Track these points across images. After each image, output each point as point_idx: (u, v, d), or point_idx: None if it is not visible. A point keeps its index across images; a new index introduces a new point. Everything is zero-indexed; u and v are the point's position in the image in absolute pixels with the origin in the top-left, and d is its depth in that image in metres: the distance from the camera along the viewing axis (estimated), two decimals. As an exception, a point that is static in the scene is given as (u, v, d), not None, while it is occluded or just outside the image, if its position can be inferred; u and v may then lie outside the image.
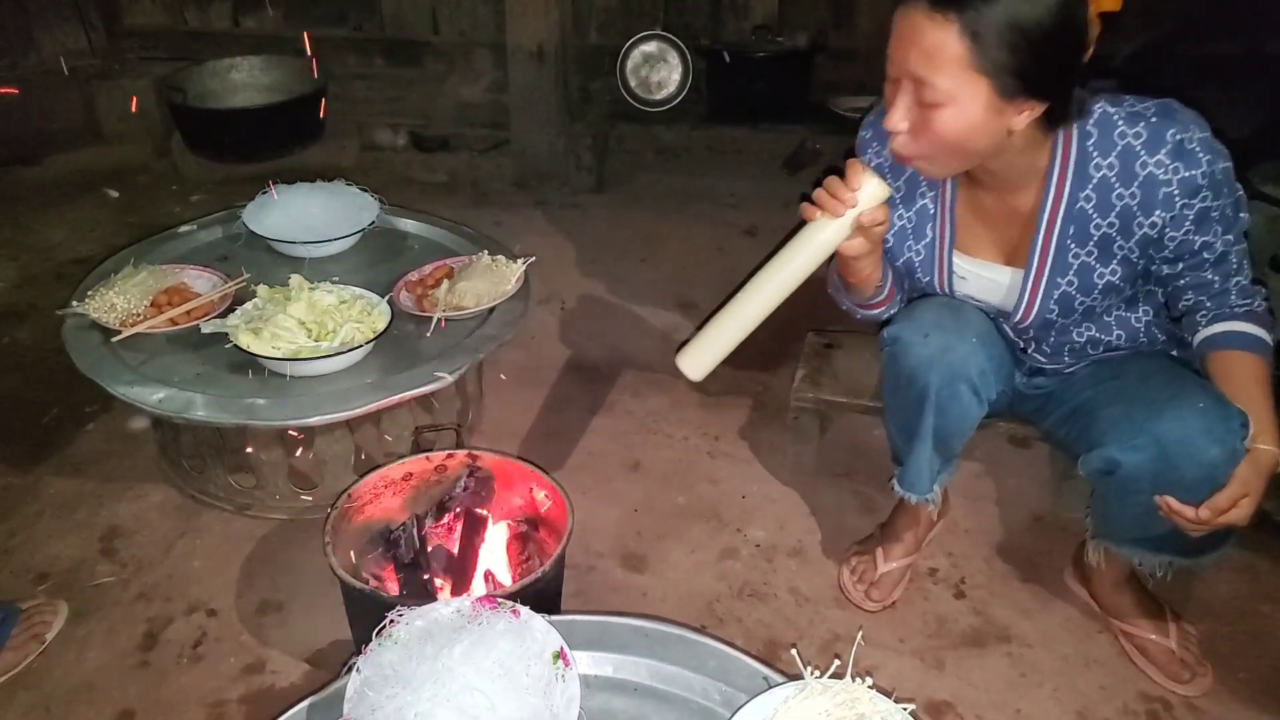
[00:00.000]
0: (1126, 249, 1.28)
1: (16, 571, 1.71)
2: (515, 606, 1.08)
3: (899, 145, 1.21)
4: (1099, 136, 1.23)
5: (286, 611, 1.64)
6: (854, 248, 1.24)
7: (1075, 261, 1.32)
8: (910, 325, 1.43)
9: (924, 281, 1.46)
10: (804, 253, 1.22)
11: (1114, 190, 1.24)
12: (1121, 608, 1.58)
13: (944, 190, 1.39)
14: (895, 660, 1.58)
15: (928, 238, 1.42)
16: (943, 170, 1.27)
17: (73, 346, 1.70)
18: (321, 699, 1.04)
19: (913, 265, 1.45)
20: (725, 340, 1.27)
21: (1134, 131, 1.21)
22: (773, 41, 3.34)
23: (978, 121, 1.15)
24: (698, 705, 1.08)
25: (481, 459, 1.53)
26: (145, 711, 1.46)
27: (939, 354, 1.39)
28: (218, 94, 3.29)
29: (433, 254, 2.04)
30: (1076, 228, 1.29)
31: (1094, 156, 1.24)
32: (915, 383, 1.42)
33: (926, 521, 1.71)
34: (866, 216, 1.19)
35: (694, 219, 3.03)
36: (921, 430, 1.46)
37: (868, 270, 1.36)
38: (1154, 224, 1.23)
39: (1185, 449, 1.22)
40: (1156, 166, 1.20)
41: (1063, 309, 1.36)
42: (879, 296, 1.46)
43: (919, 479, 1.53)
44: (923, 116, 1.16)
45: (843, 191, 1.18)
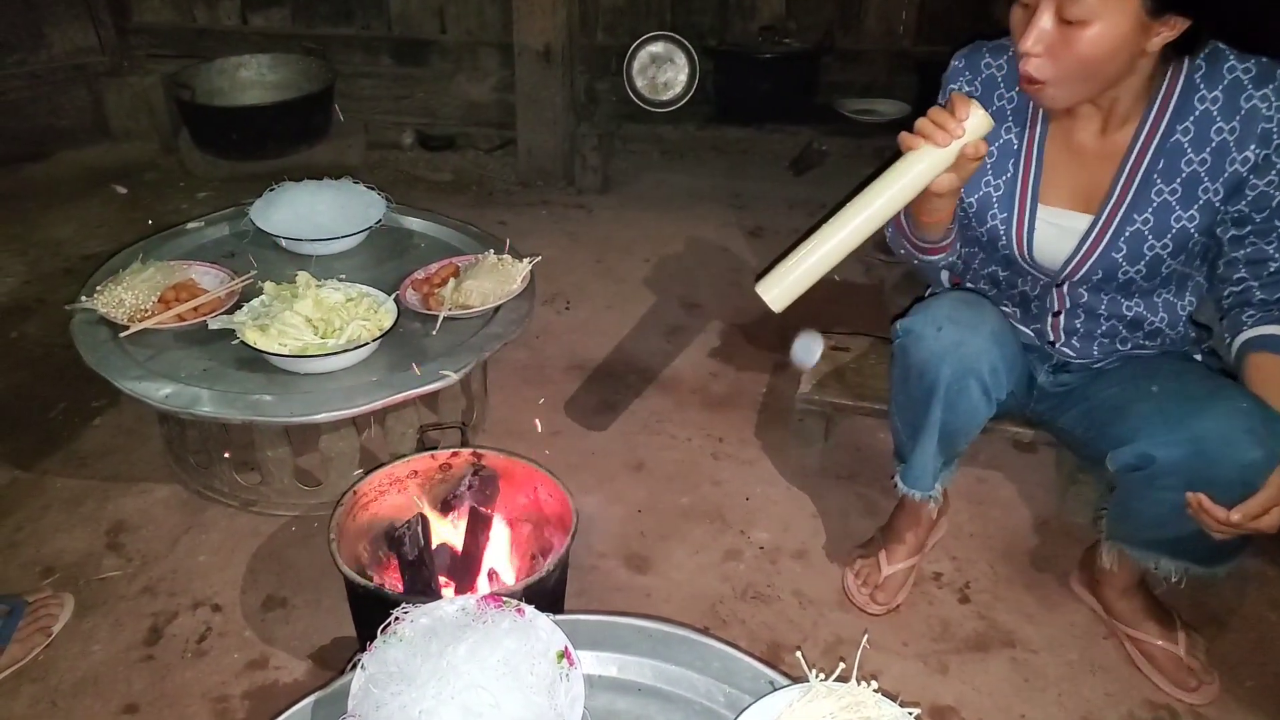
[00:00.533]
0: (1211, 191, 1.26)
1: (23, 565, 1.72)
2: (520, 605, 1.08)
3: (1033, 68, 1.18)
4: (1207, 69, 1.23)
5: (291, 608, 1.65)
6: (947, 182, 1.20)
7: (1157, 199, 1.29)
8: (924, 317, 1.41)
9: (998, 219, 1.41)
10: (902, 180, 1.16)
11: (1214, 124, 1.23)
12: (1129, 613, 1.58)
13: (1033, 127, 1.36)
14: (899, 664, 1.58)
15: (1009, 174, 1.39)
16: (1070, 97, 1.23)
17: (81, 342, 1.71)
18: (326, 695, 1.04)
19: (989, 202, 1.40)
20: (810, 269, 1.16)
21: (1244, 66, 1.21)
22: (779, 42, 3.34)
23: (1123, 39, 1.13)
24: (702, 707, 1.08)
25: (486, 458, 1.53)
26: (149, 705, 1.47)
27: (952, 347, 1.38)
28: (226, 92, 3.30)
29: (439, 252, 2.04)
30: (1167, 162, 1.27)
31: (1200, 88, 1.23)
32: (925, 375, 1.41)
33: (927, 522, 1.70)
34: (970, 148, 1.15)
35: (699, 220, 3.03)
36: (928, 424, 1.45)
37: (945, 210, 1.32)
38: (1245, 159, 1.22)
39: (1225, 448, 1.20)
40: (1261, 100, 1.19)
41: (1130, 252, 1.32)
42: (946, 239, 1.41)
43: (922, 475, 1.52)
44: (1063, 36, 1.14)
45: (950, 121, 1.14)
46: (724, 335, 2.46)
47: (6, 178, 3.16)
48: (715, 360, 2.36)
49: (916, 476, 1.53)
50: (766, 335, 2.46)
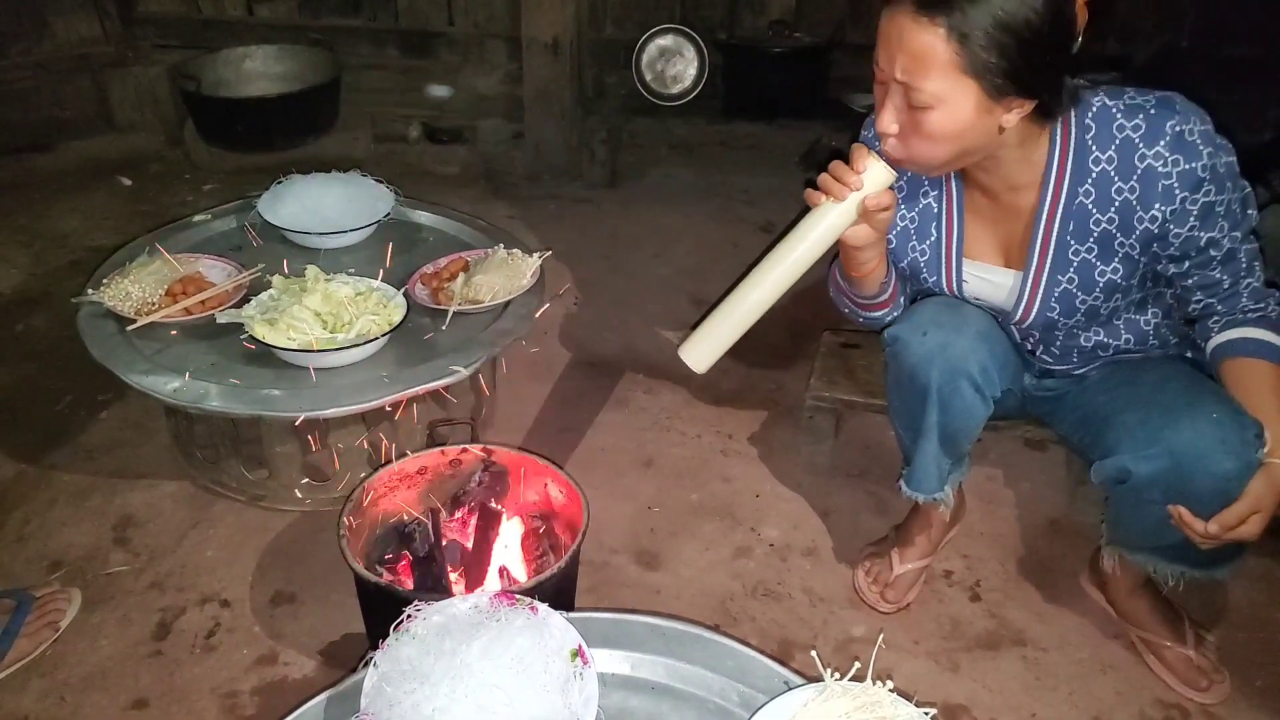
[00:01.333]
0: (1128, 246, 1.26)
1: (30, 559, 1.71)
2: (533, 603, 1.07)
3: (890, 147, 1.20)
4: (1097, 130, 1.21)
5: (299, 604, 1.64)
6: (859, 235, 1.23)
7: (1075, 259, 1.30)
8: (909, 324, 1.43)
9: (930, 282, 1.44)
10: (808, 238, 1.20)
11: (1113, 184, 1.22)
12: (1138, 614, 1.57)
13: (949, 189, 1.37)
14: (910, 662, 1.57)
15: (932, 237, 1.41)
16: (937, 170, 1.26)
17: (88, 335, 1.70)
18: (339, 692, 1.04)
19: (918, 266, 1.43)
20: (728, 331, 1.25)
21: (1132, 124, 1.19)
22: (789, 37, 3.32)
23: (968, 122, 1.14)
24: (715, 705, 1.08)
25: (496, 454, 1.53)
26: (158, 700, 1.47)
27: (938, 350, 1.39)
28: (231, 83, 3.29)
29: (448, 247, 2.03)
30: (1076, 224, 1.27)
31: (1093, 150, 1.22)
32: (916, 380, 1.42)
33: (940, 523, 1.70)
34: (872, 200, 1.18)
35: (708, 215, 3.02)
36: (925, 428, 1.45)
37: (872, 263, 1.35)
38: (1154, 218, 1.21)
39: (1199, 460, 1.21)
40: (1155, 159, 1.18)
41: (1064, 309, 1.35)
42: (882, 295, 1.44)
43: (926, 478, 1.52)
44: (912, 119, 1.15)
45: (848, 175, 1.17)
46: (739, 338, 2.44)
47: (11, 168, 3.15)
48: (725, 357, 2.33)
49: (920, 480, 1.53)
50: (776, 331, 2.45)
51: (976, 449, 2.06)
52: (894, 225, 1.40)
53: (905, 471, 1.57)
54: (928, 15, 1.08)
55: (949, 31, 1.07)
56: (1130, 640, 1.59)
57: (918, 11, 1.08)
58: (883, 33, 1.13)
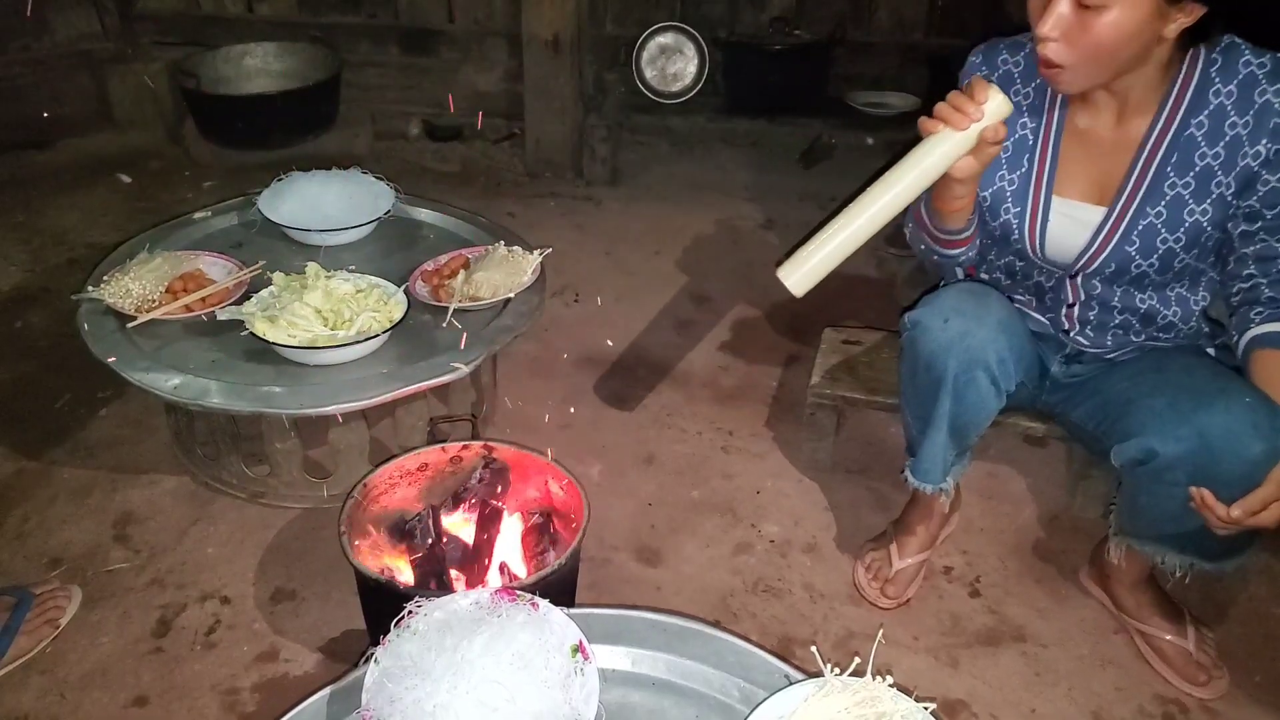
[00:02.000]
0: (1224, 186, 1.26)
1: (30, 556, 1.71)
2: (534, 599, 1.07)
3: (1051, 51, 1.18)
4: (1223, 62, 1.23)
5: (300, 600, 1.64)
6: (966, 167, 1.19)
7: (1170, 192, 1.29)
8: (930, 309, 1.42)
9: (1011, 214, 1.41)
10: (922, 165, 1.16)
11: (1228, 118, 1.23)
12: (1139, 608, 1.57)
13: (1049, 119, 1.36)
14: (910, 658, 1.57)
15: (1023, 169, 1.39)
16: (1085, 82, 1.23)
17: (88, 332, 1.70)
18: (340, 689, 1.04)
19: (1003, 196, 1.41)
20: (832, 252, 1.16)
21: (1259, 61, 1.21)
22: (790, 34, 3.32)
23: (1140, 25, 1.13)
24: (716, 701, 1.08)
25: (497, 450, 1.53)
26: (159, 697, 1.47)
27: (958, 339, 1.38)
28: (231, 80, 3.28)
29: (449, 244, 2.03)
30: (1180, 155, 1.27)
31: (1215, 81, 1.23)
32: (933, 368, 1.41)
33: (939, 516, 1.70)
34: (989, 132, 1.15)
35: (708, 212, 3.01)
36: (937, 416, 1.45)
37: (966, 199, 1.31)
38: (1257, 154, 1.22)
39: (1229, 442, 1.20)
40: (1275, 95, 1.20)
41: (1143, 245, 1.33)
42: (966, 231, 1.40)
43: (933, 468, 1.52)
44: (1080, 21, 1.14)
45: (969, 105, 1.13)
46: (734, 328, 2.45)
47: (9, 165, 3.15)
48: (726, 353, 2.35)
49: (926, 469, 1.53)
50: (777, 328, 2.45)
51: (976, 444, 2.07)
52: (996, 161, 1.34)
53: (910, 460, 1.56)
54: None
55: None
56: (1130, 636, 1.59)
57: None
58: None
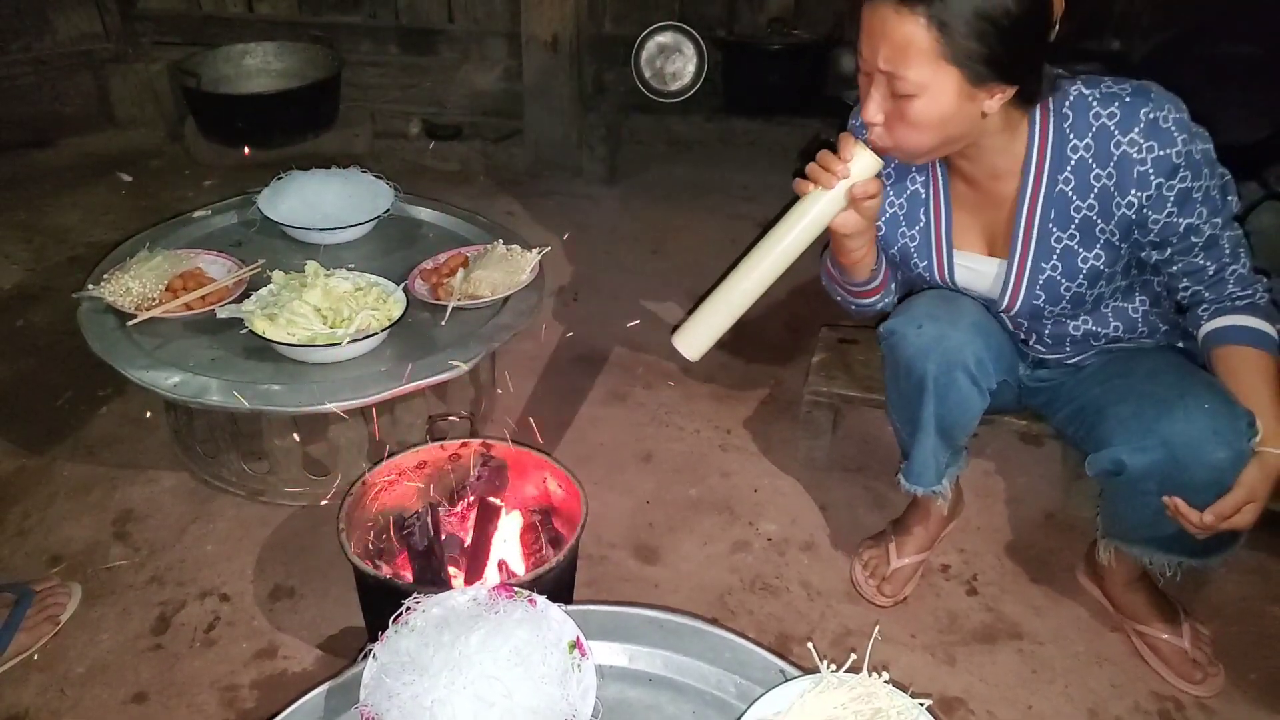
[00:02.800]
0: (1108, 232, 1.27)
1: (30, 553, 1.72)
2: (532, 595, 1.08)
3: (876, 136, 1.21)
4: (1074, 118, 1.23)
5: (299, 597, 1.65)
6: (847, 223, 1.25)
7: (1058, 246, 1.31)
8: (904, 317, 1.44)
9: (920, 267, 1.45)
10: (798, 226, 1.22)
11: (1091, 171, 1.24)
12: (1134, 607, 1.58)
13: (935, 176, 1.39)
14: (907, 655, 1.58)
15: (921, 223, 1.42)
16: (921, 157, 1.26)
17: (88, 330, 1.70)
18: (338, 685, 1.04)
19: (909, 251, 1.44)
20: (720, 319, 1.26)
21: (1108, 111, 1.21)
22: (788, 34, 3.32)
23: (950, 109, 1.16)
24: (712, 697, 1.08)
25: (495, 448, 1.53)
26: (158, 694, 1.47)
27: (933, 343, 1.40)
28: (231, 79, 3.29)
29: (447, 242, 2.04)
30: (1057, 211, 1.29)
31: (1070, 138, 1.24)
32: (913, 372, 1.44)
33: (938, 517, 1.70)
34: (859, 188, 1.20)
35: (707, 211, 3.02)
36: (923, 420, 1.47)
37: (861, 251, 1.36)
38: (1131, 204, 1.22)
39: (1192, 451, 1.22)
40: (1130, 145, 1.19)
41: (1049, 296, 1.36)
42: (873, 282, 1.45)
43: (924, 471, 1.53)
44: (896, 108, 1.17)
45: (835, 163, 1.19)
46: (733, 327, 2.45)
47: (11, 164, 3.16)
48: (723, 352, 2.35)
49: (919, 473, 1.54)
50: (775, 328, 2.46)
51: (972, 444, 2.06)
52: (883, 211, 1.41)
53: (903, 465, 1.58)
54: (908, 5, 1.10)
55: (929, 20, 1.09)
56: (1126, 634, 1.60)
57: (899, 2, 1.10)
58: (865, 24, 1.15)
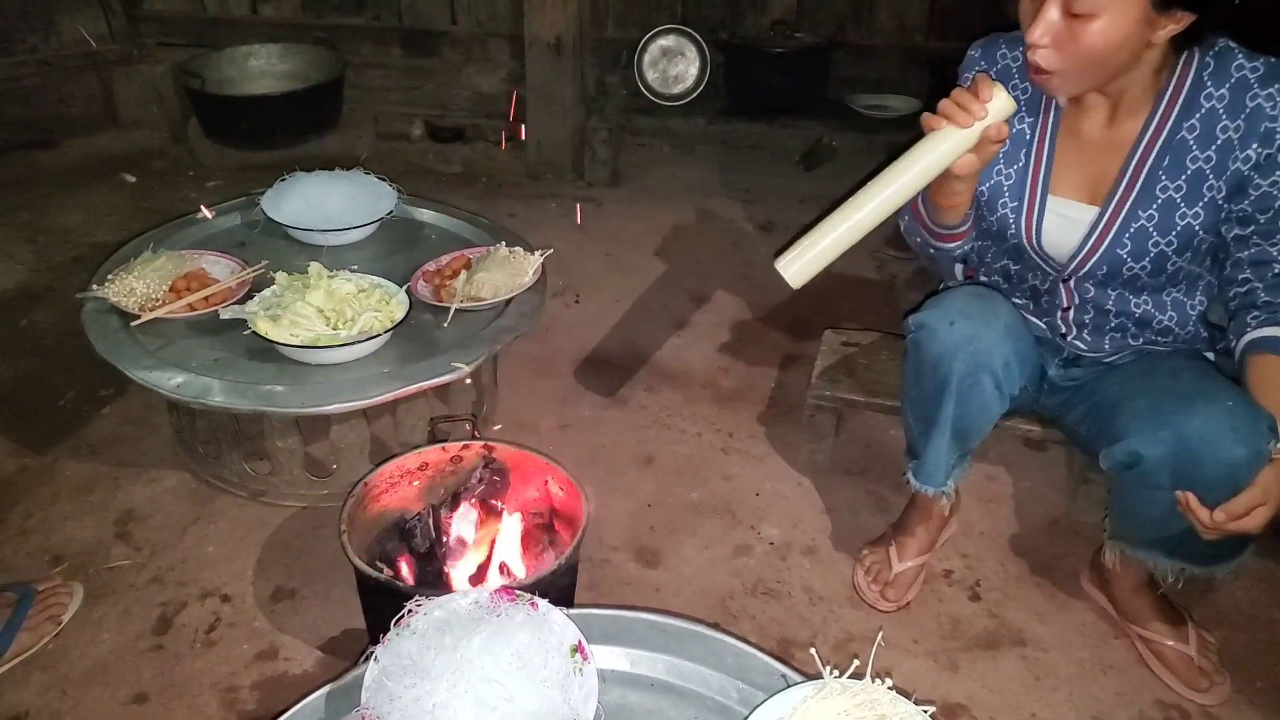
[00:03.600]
0: (1215, 189, 1.26)
1: (33, 553, 1.72)
2: (534, 599, 1.07)
3: (1040, 58, 1.19)
4: (1215, 66, 1.23)
5: (300, 599, 1.65)
6: (968, 164, 1.19)
7: (1162, 195, 1.30)
8: (937, 312, 1.42)
9: (1007, 209, 1.41)
10: (924, 161, 1.16)
11: (1219, 122, 1.23)
12: (1139, 613, 1.57)
13: (1045, 117, 1.36)
14: (909, 661, 1.57)
15: (1020, 164, 1.39)
16: (1076, 87, 1.24)
17: (92, 330, 1.70)
18: (339, 687, 1.04)
19: (1000, 191, 1.41)
20: (831, 245, 1.16)
21: (1251, 65, 1.21)
22: (791, 37, 3.32)
23: (1129, 32, 1.14)
24: (715, 702, 1.08)
25: (497, 450, 1.53)
26: (159, 694, 1.47)
27: (965, 342, 1.39)
28: (235, 81, 3.29)
29: (450, 244, 2.04)
30: (1173, 158, 1.28)
31: (1207, 85, 1.23)
32: (938, 370, 1.41)
33: (939, 518, 1.70)
34: (993, 130, 1.15)
35: (709, 214, 3.02)
36: (940, 419, 1.45)
37: (964, 194, 1.32)
38: (1248, 158, 1.22)
39: (1209, 445, 1.21)
40: (1266, 99, 1.20)
41: (1135, 248, 1.33)
42: (963, 226, 1.41)
43: (935, 471, 1.52)
44: (1069, 28, 1.14)
45: (973, 103, 1.14)
46: (734, 329, 2.45)
47: (16, 165, 3.16)
48: (725, 355, 2.35)
49: (929, 472, 1.53)
50: (777, 329, 2.45)
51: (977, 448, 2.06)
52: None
53: (913, 463, 1.56)
54: None
55: None
56: (1131, 641, 1.59)
57: None
58: None
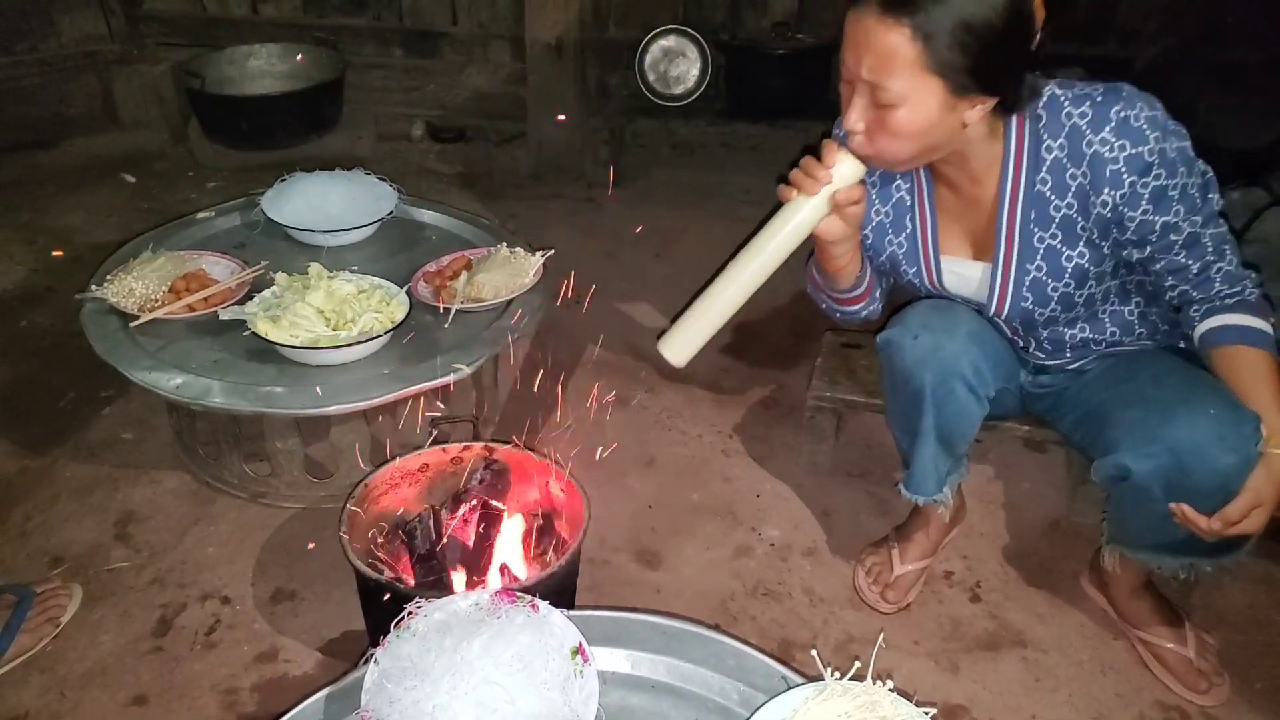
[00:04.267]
0: (1088, 230, 1.27)
1: (32, 554, 1.72)
2: (534, 600, 1.07)
3: (857, 145, 1.21)
4: (1048, 119, 1.23)
5: (300, 600, 1.65)
6: (831, 229, 1.25)
7: (1041, 246, 1.31)
8: (900, 328, 1.45)
9: (910, 273, 1.45)
10: (781, 232, 1.22)
11: (1066, 171, 1.24)
12: (1139, 615, 1.57)
13: (919, 182, 1.38)
14: (910, 662, 1.57)
15: (908, 230, 1.42)
16: (902, 165, 1.26)
17: (91, 331, 1.70)
18: (339, 690, 1.04)
19: (897, 259, 1.44)
20: (706, 325, 1.26)
21: (1079, 111, 1.21)
22: (791, 38, 3.32)
23: (932, 119, 1.15)
24: (715, 704, 1.08)
25: (498, 452, 1.53)
26: (158, 697, 1.47)
27: (930, 353, 1.41)
28: (235, 81, 3.29)
29: (451, 245, 2.04)
30: (1037, 211, 1.29)
31: (1045, 139, 1.24)
32: (910, 383, 1.44)
33: (939, 524, 1.70)
34: (843, 194, 1.20)
35: (710, 215, 3.01)
36: (922, 430, 1.47)
37: (845, 258, 1.36)
38: (1105, 203, 1.22)
39: (1198, 457, 1.21)
40: (1101, 144, 1.19)
41: (1036, 297, 1.35)
42: (857, 289, 1.45)
43: (925, 480, 1.53)
44: (878, 117, 1.16)
45: (818, 169, 1.19)
46: (735, 331, 2.45)
47: (15, 165, 3.16)
48: (726, 356, 2.35)
49: (919, 482, 1.55)
50: (778, 331, 2.45)
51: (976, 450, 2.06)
52: (869, 219, 1.41)
53: (904, 474, 1.58)
54: (893, 16, 1.09)
55: (914, 31, 1.09)
56: (1131, 642, 1.59)
57: (883, 12, 1.10)
58: (849, 33, 1.15)
